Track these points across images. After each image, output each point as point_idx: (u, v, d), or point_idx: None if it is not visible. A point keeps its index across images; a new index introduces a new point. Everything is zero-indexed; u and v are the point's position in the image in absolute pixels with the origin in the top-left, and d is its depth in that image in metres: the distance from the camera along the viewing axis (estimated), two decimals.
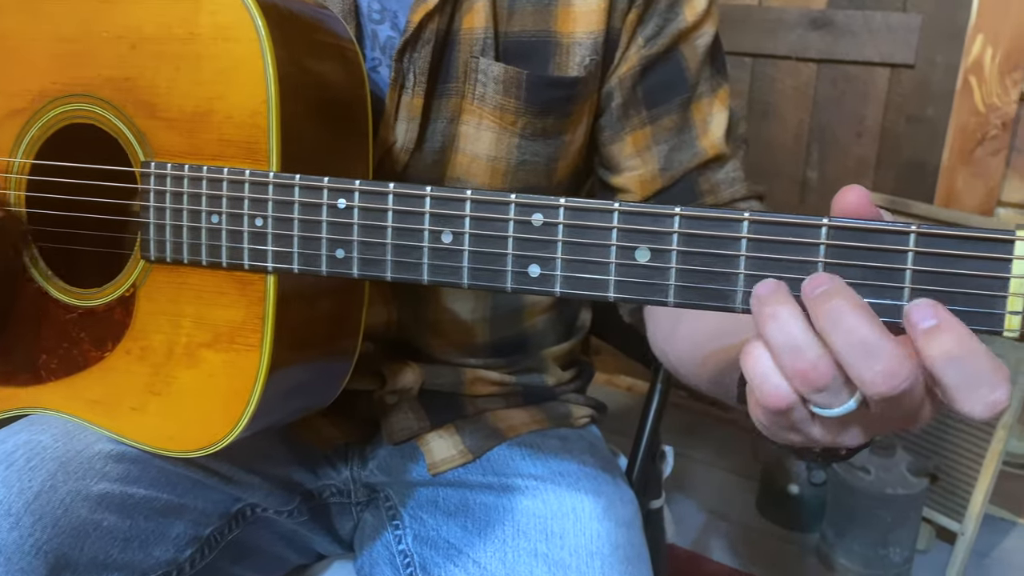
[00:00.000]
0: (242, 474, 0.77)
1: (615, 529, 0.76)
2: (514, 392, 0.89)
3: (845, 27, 1.86)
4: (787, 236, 0.44)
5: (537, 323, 0.90)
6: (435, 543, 0.77)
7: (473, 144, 0.73)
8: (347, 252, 0.53)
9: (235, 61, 0.56)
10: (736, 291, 0.45)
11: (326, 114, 0.61)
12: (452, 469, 0.81)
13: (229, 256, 0.57)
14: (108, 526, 0.64)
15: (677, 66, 0.76)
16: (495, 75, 0.71)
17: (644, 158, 0.78)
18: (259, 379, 0.58)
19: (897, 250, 0.42)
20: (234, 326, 0.58)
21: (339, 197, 0.53)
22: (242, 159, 0.57)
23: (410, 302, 0.81)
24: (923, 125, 1.81)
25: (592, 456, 0.85)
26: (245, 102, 0.56)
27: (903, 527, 1.63)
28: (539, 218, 0.49)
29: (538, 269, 0.49)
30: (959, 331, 0.39)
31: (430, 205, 0.51)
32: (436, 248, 0.51)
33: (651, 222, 0.46)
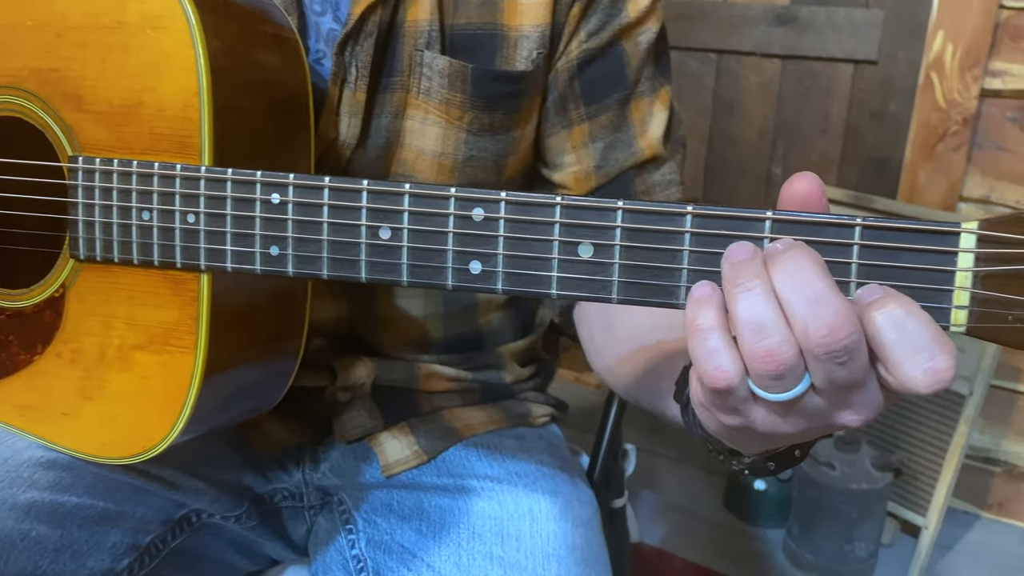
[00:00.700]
0: (185, 479, 0.74)
1: (572, 530, 0.74)
2: (471, 389, 0.87)
3: (809, 23, 1.87)
4: (731, 230, 0.42)
5: (493, 319, 0.88)
6: (389, 547, 0.75)
7: (419, 139, 0.72)
8: (282, 249, 0.51)
9: (165, 51, 0.54)
10: (680, 286, 0.44)
11: (264, 107, 0.58)
12: (406, 470, 0.80)
13: (161, 254, 0.55)
14: (37, 536, 0.62)
15: (617, 62, 0.75)
16: (440, 69, 0.69)
17: (580, 155, 0.76)
18: (194, 382, 0.56)
19: (842, 243, 0.41)
20: (168, 327, 0.56)
21: (273, 192, 0.51)
22: (174, 153, 0.54)
23: (361, 297, 0.79)
24: (886, 121, 1.82)
25: (550, 456, 0.84)
26: (176, 94, 0.54)
27: (868, 522, 1.63)
28: (480, 213, 0.47)
29: (479, 265, 0.47)
30: (904, 300, 0.38)
31: (367, 200, 0.49)
32: (374, 244, 0.49)
33: (594, 216, 0.45)
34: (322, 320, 0.78)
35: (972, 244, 0.39)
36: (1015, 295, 0.38)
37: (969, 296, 0.39)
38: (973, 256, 0.39)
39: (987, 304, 0.39)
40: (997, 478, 1.83)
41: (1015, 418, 1.78)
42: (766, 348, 0.39)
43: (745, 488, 1.83)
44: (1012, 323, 0.38)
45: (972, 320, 0.39)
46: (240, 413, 0.65)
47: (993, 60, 1.63)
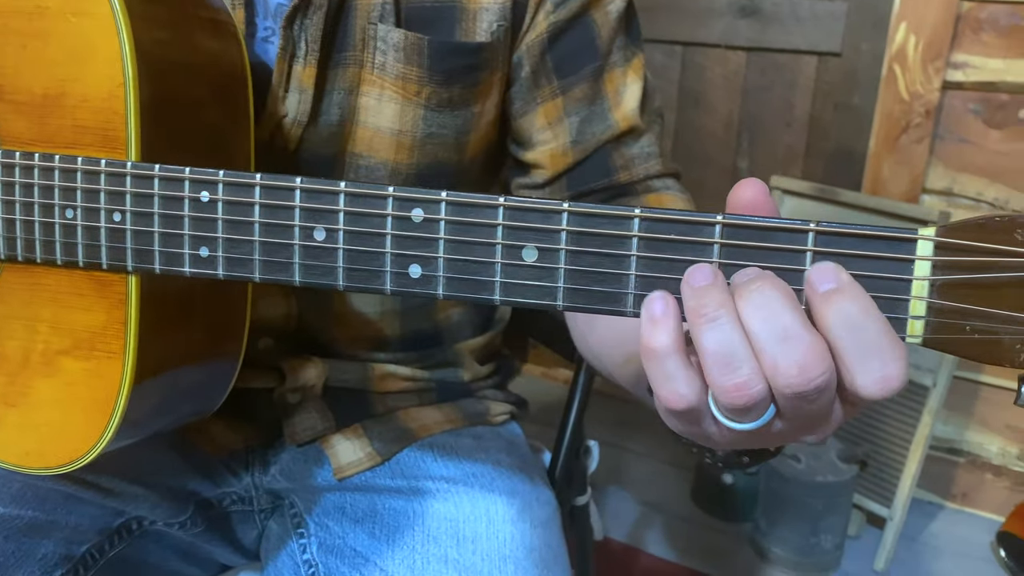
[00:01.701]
0: (124, 485, 0.71)
1: (530, 531, 0.73)
2: (427, 388, 0.85)
3: (773, 15, 1.86)
4: (680, 235, 0.40)
5: (452, 315, 0.86)
6: (341, 552, 0.72)
7: (375, 117, 0.69)
8: (212, 250, 0.49)
9: (88, 38, 0.51)
10: (628, 293, 0.42)
11: (198, 96, 0.55)
12: (359, 473, 0.77)
13: (86, 255, 0.52)
14: None
15: (587, 33, 0.72)
16: (395, 42, 0.67)
17: (555, 131, 0.74)
18: (123, 388, 0.53)
19: (795, 250, 0.39)
20: (94, 331, 0.53)
21: (202, 190, 0.48)
22: (98, 148, 0.51)
23: (313, 293, 0.76)
24: (850, 113, 1.82)
25: (508, 455, 0.82)
26: (100, 84, 0.51)
27: (834, 514, 1.64)
28: (419, 214, 0.44)
29: (419, 269, 0.45)
30: (859, 296, 0.37)
31: (301, 199, 0.46)
32: (308, 246, 0.47)
33: (539, 219, 0.42)
34: (271, 318, 0.75)
35: (929, 252, 0.37)
36: (973, 305, 0.36)
37: (926, 306, 0.37)
38: (930, 264, 0.37)
39: (944, 314, 0.37)
40: (961, 468, 1.85)
41: (978, 409, 1.79)
42: (735, 383, 0.37)
43: (712, 482, 1.83)
44: (970, 334, 0.37)
45: (929, 331, 0.38)
46: (178, 418, 0.62)
47: (955, 52, 1.63)
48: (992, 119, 1.64)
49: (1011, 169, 1.64)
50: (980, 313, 0.36)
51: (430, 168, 0.72)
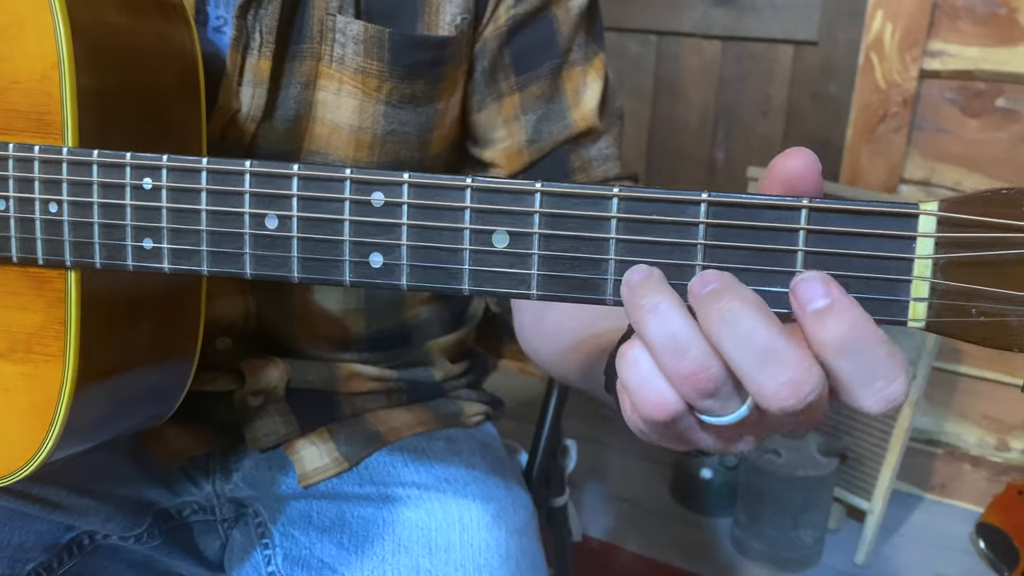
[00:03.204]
0: (73, 498, 0.67)
1: (506, 538, 0.70)
2: (397, 389, 0.81)
3: (749, 4, 1.84)
4: (663, 215, 0.37)
5: (420, 313, 0.82)
6: (307, 563, 0.69)
7: (333, 112, 0.65)
8: (156, 242, 0.45)
9: (19, 16, 0.47)
10: (607, 279, 0.38)
11: (143, 81, 0.51)
12: (326, 480, 0.74)
13: (20, 249, 0.48)
14: None
15: (548, 28, 0.70)
16: (354, 34, 0.63)
17: (511, 129, 0.71)
18: (64, 393, 0.49)
19: (787, 228, 0.36)
20: (31, 332, 0.49)
21: (144, 176, 0.44)
22: (32, 133, 0.47)
23: (272, 290, 0.73)
24: (827, 102, 1.80)
25: (483, 458, 0.79)
26: (33, 65, 0.47)
27: (814, 508, 1.62)
28: (380, 197, 0.41)
29: (380, 258, 0.41)
30: (853, 314, 0.33)
31: (251, 184, 0.43)
32: (259, 235, 0.43)
33: (509, 201, 0.39)
34: (228, 317, 0.71)
35: (932, 228, 0.34)
36: (980, 285, 0.33)
37: (929, 287, 0.34)
38: (933, 241, 0.34)
39: (948, 295, 0.34)
40: (939, 460, 1.84)
41: (956, 400, 1.78)
42: (690, 368, 0.35)
43: (691, 477, 1.81)
44: (975, 317, 0.34)
45: (932, 314, 0.35)
46: (129, 425, 0.58)
47: (932, 40, 1.62)
48: (969, 108, 1.63)
49: (989, 158, 1.63)
50: (986, 294, 0.34)
51: (391, 167, 0.69)
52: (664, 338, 0.35)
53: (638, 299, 0.36)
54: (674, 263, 0.37)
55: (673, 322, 0.35)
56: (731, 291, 0.34)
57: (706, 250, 0.37)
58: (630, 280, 0.37)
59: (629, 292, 0.36)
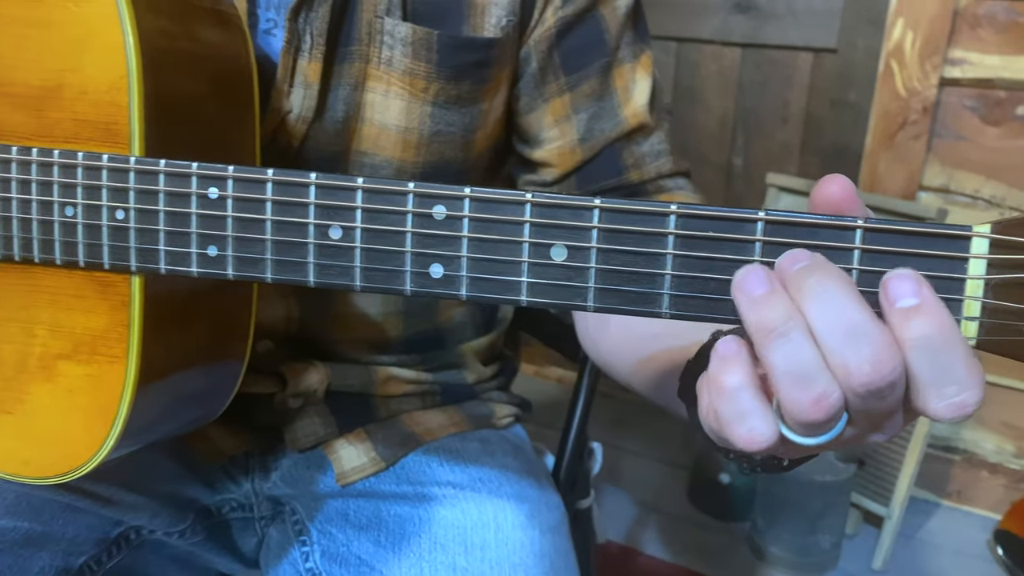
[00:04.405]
0: (122, 494, 0.69)
1: (540, 537, 0.71)
2: (431, 392, 0.83)
3: (769, 11, 1.84)
4: (720, 231, 0.39)
5: (455, 316, 0.84)
6: (345, 560, 0.70)
7: (381, 113, 0.67)
8: (220, 249, 0.46)
9: (89, 28, 0.48)
10: (663, 294, 0.40)
11: (202, 89, 0.53)
12: (363, 479, 0.75)
13: (87, 255, 0.50)
14: None
15: (596, 28, 0.71)
16: (403, 36, 0.64)
17: (563, 128, 0.72)
18: (126, 394, 0.50)
19: (842, 247, 0.37)
20: (95, 334, 0.51)
21: (210, 186, 0.46)
22: (100, 142, 0.49)
23: (312, 295, 0.74)
24: (846, 110, 1.81)
25: (515, 459, 0.80)
26: (102, 75, 0.48)
27: (832, 513, 1.63)
28: (441, 211, 0.42)
29: (441, 269, 0.43)
30: (941, 317, 0.34)
31: (315, 195, 0.44)
32: (323, 245, 0.44)
33: (568, 216, 0.40)
34: (270, 321, 0.73)
35: (984, 249, 0.35)
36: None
37: (980, 307, 0.36)
38: (985, 263, 0.35)
39: (1000, 315, 0.35)
40: (956, 467, 1.85)
41: None
42: (812, 398, 0.34)
43: (710, 482, 1.82)
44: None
45: (983, 332, 0.36)
46: (181, 424, 0.60)
47: (952, 48, 1.62)
48: (989, 116, 1.63)
49: (1008, 166, 1.64)
50: None
51: (436, 166, 0.71)
52: (793, 366, 0.34)
53: (767, 320, 0.35)
54: (730, 279, 0.38)
55: (804, 350, 0.34)
56: (822, 268, 0.35)
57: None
58: (750, 290, 0.36)
59: (751, 307, 0.35)
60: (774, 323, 0.35)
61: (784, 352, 0.34)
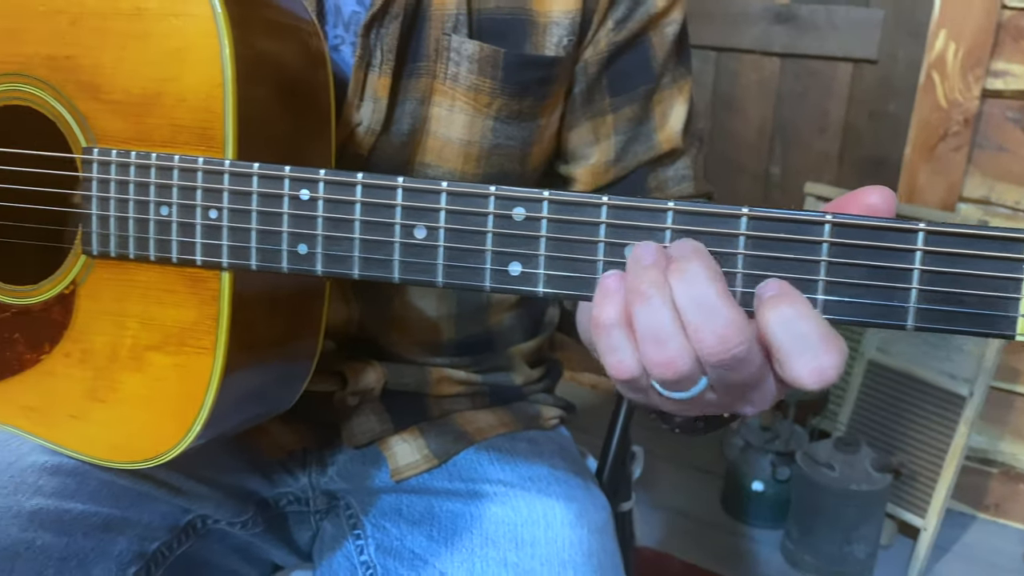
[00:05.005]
0: (192, 484, 0.72)
1: (588, 536, 0.73)
2: (481, 392, 0.85)
3: (809, 21, 1.86)
4: (788, 233, 0.41)
5: (504, 320, 0.86)
6: (399, 553, 0.73)
7: (445, 127, 0.69)
8: (310, 248, 0.49)
9: (187, 39, 0.52)
10: (735, 291, 0.42)
11: (285, 98, 0.56)
12: (417, 475, 0.77)
13: (180, 251, 0.53)
14: (42, 545, 0.59)
15: (645, 54, 0.73)
16: (469, 54, 0.67)
17: (600, 148, 0.75)
18: (212, 384, 0.53)
19: (905, 249, 0.39)
20: (185, 327, 0.54)
21: (302, 188, 0.49)
22: (195, 146, 0.52)
23: (372, 298, 0.77)
24: (885, 120, 1.81)
25: (563, 459, 0.82)
26: (198, 84, 0.52)
27: (867, 523, 1.63)
28: (521, 212, 0.45)
29: (519, 267, 0.45)
30: (798, 300, 0.39)
31: (402, 197, 0.47)
32: (408, 244, 0.47)
33: (642, 217, 0.43)
34: (332, 323, 0.76)
35: None
36: None
37: None
38: None
39: None
40: (994, 479, 1.84)
41: (1013, 419, 1.78)
42: (663, 358, 0.41)
43: (742, 489, 1.83)
44: None
45: None
46: (253, 417, 0.63)
47: (995, 60, 1.63)
48: None
49: None
50: None
51: (495, 178, 0.73)
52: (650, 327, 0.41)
53: (638, 283, 0.41)
54: (798, 277, 0.41)
55: (661, 315, 0.40)
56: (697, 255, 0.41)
57: (829, 267, 0.40)
58: (637, 258, 0.42)
59: (632, 273, 0.41)
60: (642, 286, 0.41)
61: (644, 314, 0.41)
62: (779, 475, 1.80)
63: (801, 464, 1.67)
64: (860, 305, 0.41)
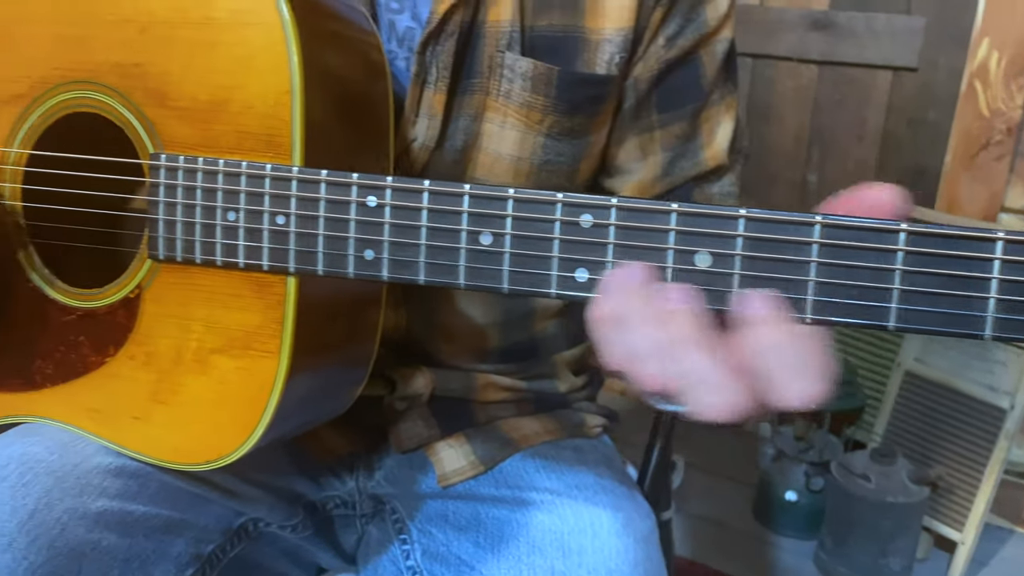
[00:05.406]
0: (245, 487, 0.72)
1: (634, 546, 0.72)
2: (526, 399, 0.85)
3: (847, 29, 1.85)
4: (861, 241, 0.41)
5: (548, 327, 0.86)
6: (445, 559, 0.73)
7: (496, 143, 0.70)
8: (377, 253, 0.50)
9: (256, 47, 0.53)
10: (806, 299, 0.42)
11: (348, 108, 0.57)
12: (463, 481, 0.78)
13: (247, 256, 0.53)
14: (107, 546, 0.60)
15: (695, 71, 0.74)
16: (523, 71, 0.68)
17: (647, 163, 0.75)
18: (276, 387, 0.54)
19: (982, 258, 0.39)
20: (249, 331, 0.55)
21: (369, 194, 0.49)
22: (261, 152, 0.53)
23: (421, 305, 0.78)
24: (925, 129, 1.80)
25: (608, 468, 0.82)
26: (266, 91, 0.52)
27: (904, 536, 1.61)
28: (588, 219, 0.45)
29: (586, 274, 0.46)
30: (782, 324, 0.41)
31: (469, 204, 0.47)
32: (474, 250, 0.48)
33: (713, 225, 0.43)
34: (383, 328, 0.77)
35: None
36: None
37: None
38: None
39: None
40: None
41: None
42: (647, 374, 0.43)
43: (776, 499, 1.81)
44: None
45: None
46: (311, 420, 0.64)
47: None
48: None
49: None
50: None
51: None
52: (627, 350, 0.43)
53: (610, 305, 0.44)
54: (873, 287, 0.41)
55: (636, 340, 0.42)
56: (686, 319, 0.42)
57: (904, 275, 0.40)
58: (625, 280, 0.43)
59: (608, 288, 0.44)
60: (620, 310, 0.43)
61: (620, 337, 0.43)
62: (813, 485, 1.78)
63: (836, 475, 1.66)
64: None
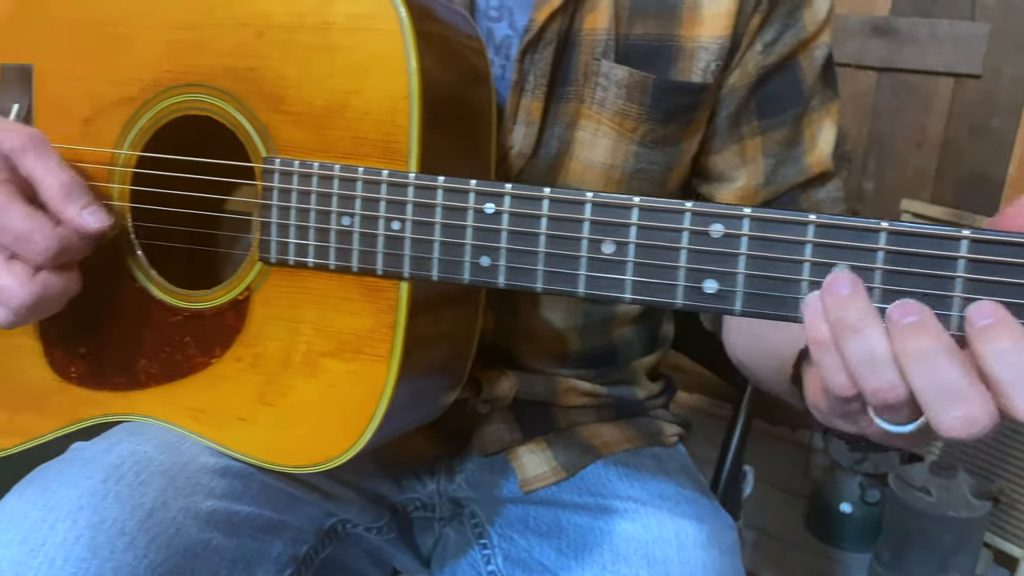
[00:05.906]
0: (339, 488, 0.73)
1: (720, 558, 0.72)
2: (605, 405, 0.85)
3: (909, 35, 1.82)
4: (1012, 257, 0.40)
5: (625, 333, 0.86)
6: (528, 565, 0.73)
7: (589, 151, 0.70)
8: (493, 260, 0.50)
9: (373, 53, 0.53)
10: (950, 315, 0.41)
11: (457, 114, 0.57)
12: (545, 487, 0.77)
13: (361, 260, 0.54)
14: (217, 546, 0.61)
15: (794, 77, 0.73)
16: (618, 79, 0.67)
17: (749, 170, 0.75)
18: (386, 391, 0.54)
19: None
20: (360, 335, 0.55)
21: (487, 201, 0.49)
22: (377, 158, 0.53)
23: (505, 309, 0.78)
24: (988, 137, 1.77)
25: (687, 478, 0.82)
26: (383, 97, 0.53)
27: (964, 551, 1.58)
28: (719, 229, 0.45)
29: (715, 285, 0.45)
30: (1015, 329, 0.38)
31: (591, 212, 0.47)
32: (595, 259, 0.47)
33: (853, 237, 0.42)
34: None
35: None
36: None
37: None
38: None
39: None
40: None
41: None
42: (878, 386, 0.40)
43: (830, 510, 1.79)
44: None
45: None
46: (411, 424, 0.64)
47: None
48: None
49: None
50: None
51: None
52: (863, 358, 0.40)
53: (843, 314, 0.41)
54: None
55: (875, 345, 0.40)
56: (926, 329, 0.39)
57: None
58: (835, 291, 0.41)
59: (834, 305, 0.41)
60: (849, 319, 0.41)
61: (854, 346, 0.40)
62: (868, 497, 1.76)
63: (894, 487, 1.63)
64: None
